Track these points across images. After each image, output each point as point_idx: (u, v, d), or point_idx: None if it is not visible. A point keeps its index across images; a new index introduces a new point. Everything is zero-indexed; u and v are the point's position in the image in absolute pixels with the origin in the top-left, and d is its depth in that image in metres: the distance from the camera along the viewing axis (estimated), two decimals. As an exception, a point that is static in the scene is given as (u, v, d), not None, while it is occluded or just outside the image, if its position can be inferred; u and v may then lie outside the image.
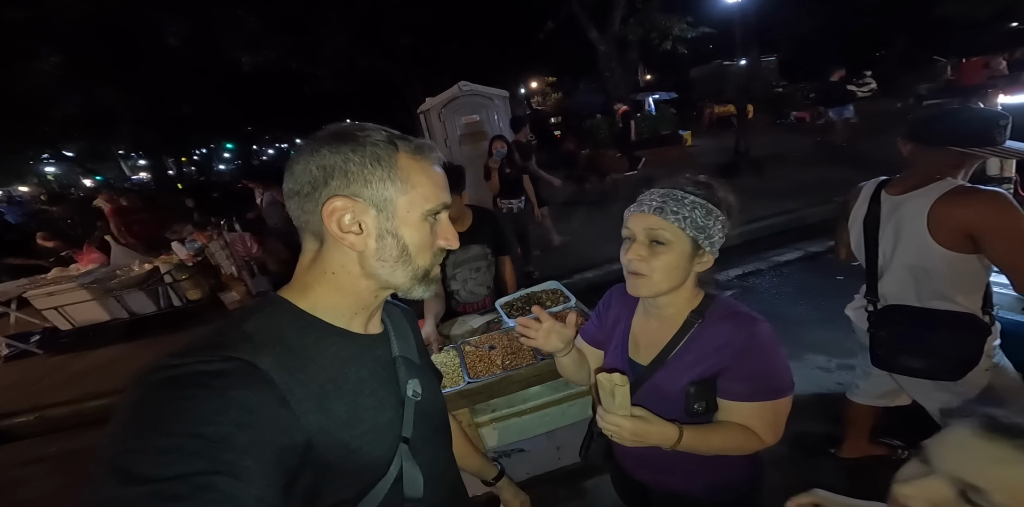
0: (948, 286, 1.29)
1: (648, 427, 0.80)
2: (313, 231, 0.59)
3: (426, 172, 0.61)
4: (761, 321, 0.88)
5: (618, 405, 0.78)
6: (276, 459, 0.46)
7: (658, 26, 9.68)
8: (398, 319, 0.77)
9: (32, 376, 3.98)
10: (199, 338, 0.52)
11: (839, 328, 2.49)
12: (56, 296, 4.13)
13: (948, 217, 1.22)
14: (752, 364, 0.86)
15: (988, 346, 1.30)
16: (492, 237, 2.08)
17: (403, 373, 0.68)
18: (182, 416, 0.42)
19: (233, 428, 0.43)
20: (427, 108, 5.67)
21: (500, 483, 1.04)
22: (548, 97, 23.52)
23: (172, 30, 10.09)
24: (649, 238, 0.86)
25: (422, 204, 0.61)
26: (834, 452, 1.90)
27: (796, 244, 4.29)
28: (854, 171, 5.68)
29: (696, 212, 0.84)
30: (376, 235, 0.59)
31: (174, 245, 4.59)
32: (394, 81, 13.04)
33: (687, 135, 10.65)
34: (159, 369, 0.46)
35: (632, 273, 0.88)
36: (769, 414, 0.87)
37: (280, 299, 0.60)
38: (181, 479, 0.39)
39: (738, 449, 0.89)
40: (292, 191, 0.58)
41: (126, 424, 0.42)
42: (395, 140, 0.59)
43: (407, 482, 0.62)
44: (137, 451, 0.40)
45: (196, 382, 0.45)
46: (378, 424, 0.61)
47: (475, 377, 1.55)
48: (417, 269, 0.63)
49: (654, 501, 1.12)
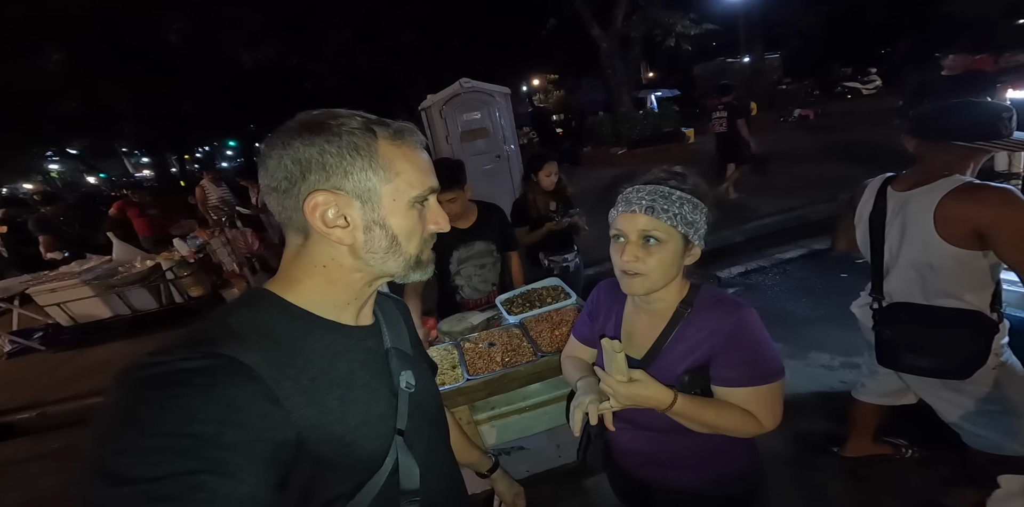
0: (955, 283, 1.27)
1: (642, 390, 0.82)
2: (296, 226, 0.57)
3: (408, 157, 0.59)
4: (746, 306, 0.90)
5: (615, 370, 0.82)
6: (267, 456, 0.45)
7: (661, 23, 9.61)
8: (390, 310, 0.76)
9: (35, 372, 4.00)
10: (181, 335, 0.51)
11: (842, 326, 2.48)
12: (59, 292, 4.13)
13: (956, 214, 1.20)
14: (742, 350, 0.88)
15: (996, 344, 1.28)
16: (498, 233, 2.07)
17: (396, 365, 0.67)
18: (167, 415, 0.41)
19: (220, 426, 0.42)
20: (428, 105, 5.64)
21: (494, 475, 1.04)
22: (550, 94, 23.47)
23: (174, 27, 10.09)
24: (642, 237, 0.86)
25: (408, 191, 0.59)
26: (837, 451, 1.88)
27: (799, 241, 4.26)
28: (858, 168, 5.67)
29: (684, 208, 0.86)
30: (363, 227, 0.57)
31: (176, 242, 4.59)
32: (395, 78, 13.02)
33: (690, 133, 10.60)
34: (140, 367, 0.44)
35: (628, 273, 0.89)
36: (764, 398, 0.88)
37: (267, 293, 0.59)
38: (169, 479, 0.38)
39: (734, 429, 0.89)
40: (269, 187, 0.56)
41: (109, 425, 0.41)
42: (372, 126, 0.57)
43: (403, 474, 0.62)
44: (122, 452, 0.39)
45: (180, 380, 0.43)
46: (371, 417, 0.60)
47: (474, 374, 1.53)
48: (409, 257, 0.62)
49: (656, 500, 1.11)
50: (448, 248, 1.97)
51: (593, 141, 11.22)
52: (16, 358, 4.37)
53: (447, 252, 1.98)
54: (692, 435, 0.91)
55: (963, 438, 1.44)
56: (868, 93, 16.08)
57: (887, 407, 1.73)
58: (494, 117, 5.76)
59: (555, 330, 1.69)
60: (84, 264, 4.56)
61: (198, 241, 4.76)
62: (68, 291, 4.14)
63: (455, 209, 1.86)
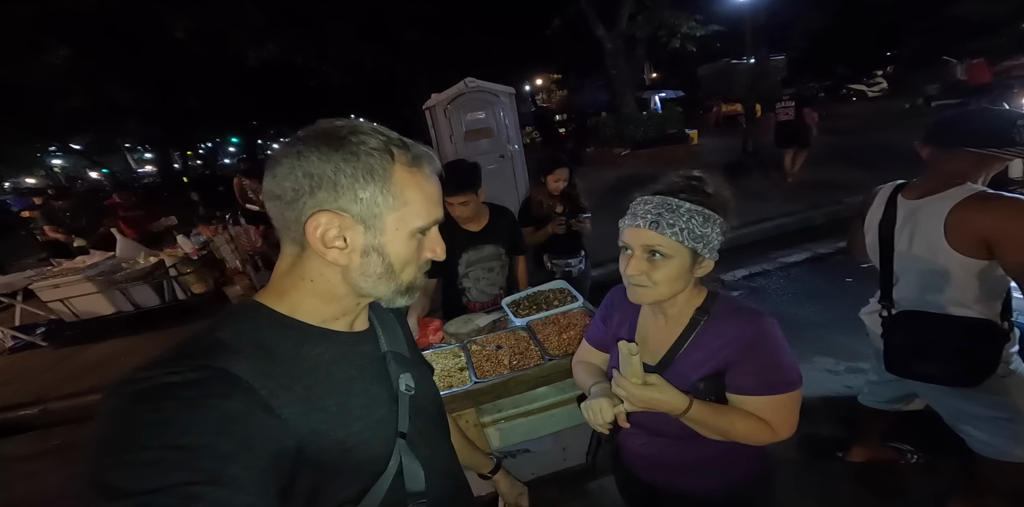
0: (964, 292, 1.26)
1: (657, 394, 0.81)
2: (293, 237, 0.56)
3: (421, 187, 0.58)
4: (767, 315, 0.89)
5: (630, 373, 0.82)
6: (266, 465, 0.45)
7: (667, 23, 9.58)
8: (384, 313, 0.75)
9: (37, 368, 4.00)
10: (170, 349, 0.50)
11: (847, 330, 2.47)
12: (62, 288, 4.14)
13: (966, 223, 1.19)
14: (760, 358, 0.86)
15: (1006, 353, 1.28)
16: (508, 237, 2.06)
17: (394, 368, 0.67)
18: (158, 429, 0.41)
19: (213, 437, 0.42)
20: (433, 104, 5.62)
21: (496, 476, 1.04)
22: (553, 94, 23.44)
23: (178, 24, 10.08)
24: (646, 252, 0.85)
25: (413, 221, 0.58)
26: (842, 456, 1.88)
27: (804, 245, 4.26)
28: (863, 172, 5.65)
29: (693, 222, 0.82)
30: (361, 251, 0.56)
31: (179, 238, 4.59)
32: (400, 76, 13.00)
33: (693, 134, 10.58)
34: (127, 383, 0.44)
35: (634, 284, 0.88)
36: (780, 407, 0.87)
37: (256, 304, 0.58)
38: (165, 491, 0.38)
39: (748, 437, 0.88)
40: (273, 194, 0.54)
41: (101, 440, 0.41)
42: (392, 147, 0.55)
43: (408, 477, 0.61)
44: (117, 466, 0.39)
45: (168, 394, 0.43)
46: (372, 421, 0.60)
47: (482, 377, 1.53)
48: (401, 284, 0.61)
49: (664, 504, 1.11)
50: (458, 250, 1.97)
51: (596, 142, 11.20)
52: (18, 354, 4.38)
53: (456, 254, 1.97)
54: (703, 441, 0.90)
55: (970, 444, 1.44)
56: (873, 95, 16.06)
57: (893, 413, 1.73)
58: (498, 117, 5.74)
59: (563, 333, 1.69)
60: (88, 260, 4.57)
61: (201, 238, 4.76)
62: (71, 287, 4.15)
63: (467, 212, 1.86)
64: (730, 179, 0.89)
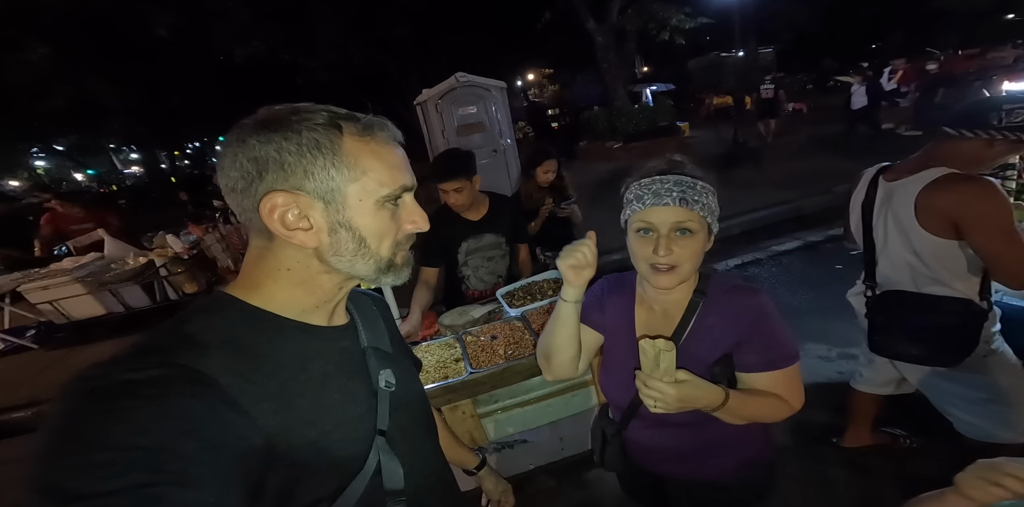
0: (942, 271, 1.29)
1: (695, 391, 0.78)
2: (258, 228, 0.54)
3: (377, 154, 0.56)
4: (761, 291, 0.92)
5: (663, 371, 0.76)
6: (232, 464, 0.44)
7: (656, 16, 9.61)
8: (365, 308, 0.73)
9: (28, 371, 3.94)
10: (131, 344, 0.48)
11: (839, 317, 2.50)
12: (51, 290, 4.06)
13: (933, 204, 1.22)
14: (765, 334, 0.88)
15: (986, 332, 1.30)
16: (509, 225, 2.06)
17: (374, 364, 0.65)
18: (115, 428, 0.39)
19: (175, 437, 0.41)
20: (424, 99, 5.59)
21: (481, 473, 1.04)
22: (545, 89, 23.35)
23: (162, 21, 9.90)
24: (675, 230, 0.84)
25: (376, 190, 0.56)
26: (836, 441, 1.91)
27: (795, 234, 4.30)
28: (850, 161, 5.70)
29: (708, 197, 0.86)
30: (328, 229, 0.54)
31: (169, 238, 4.52)
32: (390, 72, 12.88)
33: (685, 126, 10.63)
34: (83, 380, 0.42)
35: (661, 267, 0.85)
36: (790, 379, 0.89)
37: (227, 296, 0.56)
38: (124, 492, 0.36)
39: (770, 416, 0.89)
40: (227, 188, 0.53)
41: (52, 440, 0.39)
42: (338, 120, 0.54)
43: (386, 475, 0.60)
44: (69, 468, 0.37)
45: (126, 392, 0.41)
46: (348, 419, 0.58)
47: (477, 367, 1.53)
48: (380, 259, 0.59)
49: (672, 493, 1.10)
50: (457, 239, 1.97)
51: (588, 135, 11.20)
52: (8, 357, 4.31)
53: (456, 243, 1.98)
54: (713, 426, 0.89)
55: (956, 426, 1.46)
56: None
57: (885, 397, 1.75)
58: (490, 111, 5.73)
59: (557, 323, 1.69)
60: (76, 261, 4.50)
61: (192, 237, 4.70)
62: (60, 288, 4.06)
63: (462, 200, 1.85)
64: (721, 170, 0.90)
